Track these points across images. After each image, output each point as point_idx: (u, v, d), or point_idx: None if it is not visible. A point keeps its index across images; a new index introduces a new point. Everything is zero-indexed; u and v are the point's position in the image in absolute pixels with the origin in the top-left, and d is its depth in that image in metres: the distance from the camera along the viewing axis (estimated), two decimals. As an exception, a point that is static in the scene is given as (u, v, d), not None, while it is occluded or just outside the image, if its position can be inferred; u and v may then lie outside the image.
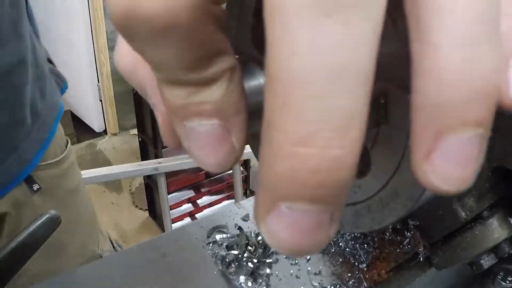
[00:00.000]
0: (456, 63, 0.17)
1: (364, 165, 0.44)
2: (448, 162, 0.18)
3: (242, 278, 0.64)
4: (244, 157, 2.28)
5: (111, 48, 3.70)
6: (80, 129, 3.96)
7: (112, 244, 1.20)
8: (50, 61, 1.05)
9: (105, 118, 3.93)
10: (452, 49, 0.17)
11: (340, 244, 0.67)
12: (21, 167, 0.91)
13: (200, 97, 0.20)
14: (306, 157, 0.16)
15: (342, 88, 0.16)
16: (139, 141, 2.90)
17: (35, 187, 0.94)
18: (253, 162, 3.04)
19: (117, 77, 3.76)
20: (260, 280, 0.64)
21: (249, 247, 0.68)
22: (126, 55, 0.26)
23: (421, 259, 0.63)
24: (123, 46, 0.26)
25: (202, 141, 0.22)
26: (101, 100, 3.82)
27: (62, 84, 1.07)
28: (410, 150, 0.20)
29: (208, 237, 0.72)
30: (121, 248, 1.27)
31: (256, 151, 0.58)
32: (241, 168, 2.60)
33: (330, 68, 0.16)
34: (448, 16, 0.17)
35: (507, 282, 0.65)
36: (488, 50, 0.17)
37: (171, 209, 2.53)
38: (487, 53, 0.17)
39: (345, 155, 0.16)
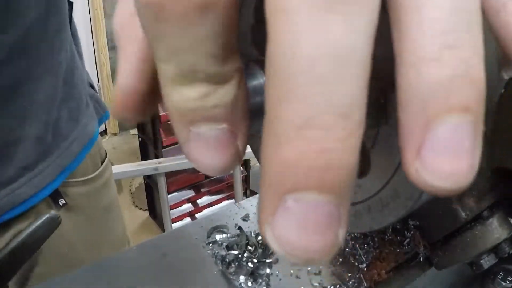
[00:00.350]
0: (434, 51, 0.17)
1: (364, 165, 0.44)
2: (439, 155, 0.17)
3: (242, 278, 0.64)
4: (244, 157, 2.28)
5: (111, 48, 3.70)
6: (80, 129, 3.96)
7: None
8: (92, 86, 0.98)
9: (105, 118, 3.93)
10: (429, 38, 0.17)
11: (340, 244, 0.67)
12: (37, 189, 0.82)
13: (213, 99, 0.20)
14: (311, 139, 0.16)
15: (344, 74, 0.16)
16: (139, 141, 2.90)
17: (61, 202, 0.87)
18: (253, 162, 3.04)
19: (117, 77, 3.75)
20: (260, 280, 0.64)
21: (249, 247, 0.68)
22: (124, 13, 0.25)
23: (421, 259, 0.63)
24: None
25: (209, 146, 0.21)
26: (101, 100, 3.83)
27: (102, 113, 1.00)
28: (400, 153, 0.19)
29: (208, 237, 0.72)
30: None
31: (256, 151, 0.58)
32: (241, 168, 2.60)
33: (332, 55, 0.16)
34: (423, 11, 0.17)
35: (507, 282, 0.65)
36: (466, 37, 0.17)
37: (171, 209, 2.53)
38: (465, 39, 0.17)
39: (349, 137, 0.16)
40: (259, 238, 0.70)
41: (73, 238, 0.93)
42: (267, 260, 0.67)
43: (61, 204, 0.87)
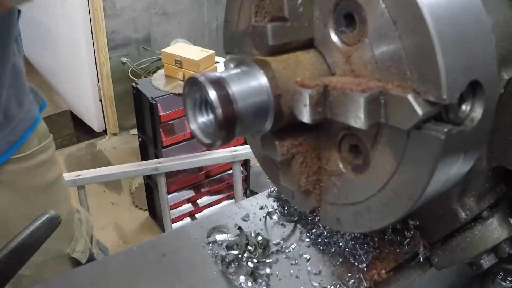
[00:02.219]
0: None
1: (362, 162, 0.44)
2: None
3: (242, 278, 0.64)
4: (244, 157, 2.28)
5: (111, 48, 3.70)
6: (80, 129, 3.95)
7: (90, 248, 1.17)
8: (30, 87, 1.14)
9: (105, 118, 3.92)
10: None
11: (340, 244, 0.67)
12: None
13: None
14: None
15: None
16: (139, 141, 2.90)
17: None
18: (253, 162, 3.04)
19: (117, 77, 3.75)
20: (260, 280, 0.64)
21: (249, 247, 0.68)
22: None
23: (421, 259, 0.63)
24: None
25: None
26: (101, 100, 3.82)
27: (41, 103, 1.15)
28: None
29: (208, 237, 0.72)
30: (102, 252, 1.24)
31: (256, 151, 0.58)
32: (241, 168, 2.60)
33: None
34: None
35: (507, 282, 0.65)
36: None
37: (171, 209, 2.53)
38: None
39: None
40: (259, 238, 0.70)
41: (7, 216, 0.99)
42: (267, 260, 0.67)
43: None
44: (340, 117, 0.38)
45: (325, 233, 0.69)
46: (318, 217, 0.51)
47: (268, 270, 0.66)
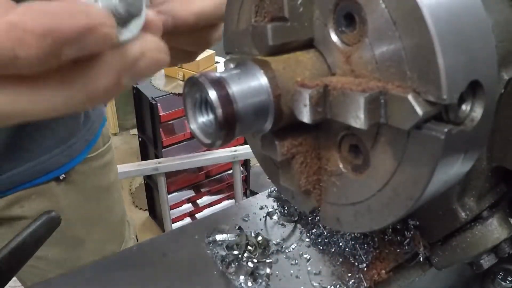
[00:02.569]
0: None
1: (362, 162, 0.44)
2: None
3: (242, 278, 0.64)
4: (244, 157, 2.28)
5: (111, 48, 3.70)
6: (80, 129, 3.96)
7: None
8: None
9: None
10: None
11: (340, 244, 0.67)
12: (67, 159, 0.97)
13: None
14: None
15: None
16: (139, 141, 2.90)
17: (61, 176, 0.98)
18: (253, 162, 3.04)
19: (117, 77, 3.75)
20: (260, 280, 0.64)
21: (249, 247, 0.68)
22: None
23: (421, 259, 0.63)
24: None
25: None
26: (101, 100, 3.82)
27: None
28: None
29: (208, 237, 0.72)
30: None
31: (256, 151, 0.58)
32: (241, 168, 2.60)
33: None
34: None
35: (507, 282, 0.65)
36: None
37: (171, 209, 2.53)
38: None
39: None
40: (259, 238, 0.70)
41: (71, 215, 1.00)
42: (267, 260, 0.67)
43: (61, 178, 0.97)
44: (340, 117, 0.38)
45: (325, 233, 0.69)
46: (318, 217, 0.51)
47: (268, 270, 0.66)
